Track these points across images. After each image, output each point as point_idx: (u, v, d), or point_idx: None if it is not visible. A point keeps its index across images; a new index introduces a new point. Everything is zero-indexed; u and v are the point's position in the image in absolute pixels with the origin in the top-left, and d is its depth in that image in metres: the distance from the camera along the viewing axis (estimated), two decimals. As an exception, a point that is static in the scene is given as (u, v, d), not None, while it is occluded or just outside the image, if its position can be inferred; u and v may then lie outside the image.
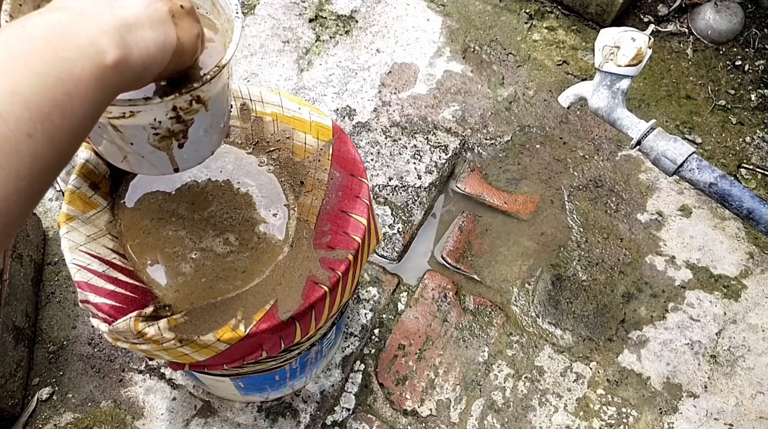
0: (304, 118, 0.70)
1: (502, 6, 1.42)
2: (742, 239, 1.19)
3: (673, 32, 1.43)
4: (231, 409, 0.96)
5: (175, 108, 0.47)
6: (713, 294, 1.13)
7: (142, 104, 0.45)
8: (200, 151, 0.54)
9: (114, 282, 0.60)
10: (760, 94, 1.36)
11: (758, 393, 1.05)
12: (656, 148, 0.80)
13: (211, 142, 0.54)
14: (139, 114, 0.46)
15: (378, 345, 1.04)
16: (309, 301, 0.59)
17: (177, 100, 0.46)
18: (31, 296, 0.99)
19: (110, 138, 0.48)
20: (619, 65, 0.80)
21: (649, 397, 1.04)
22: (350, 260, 0.62)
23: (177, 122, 0.48)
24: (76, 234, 0.61)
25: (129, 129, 0.47)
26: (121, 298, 0.59)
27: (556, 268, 1.14)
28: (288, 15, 1.35)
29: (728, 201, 0.78)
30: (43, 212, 1.09)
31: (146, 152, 0.50)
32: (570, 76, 1.34)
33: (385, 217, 1.14)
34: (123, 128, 0.47)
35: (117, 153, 0.51)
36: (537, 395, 1.02)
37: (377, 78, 1.29)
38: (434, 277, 1.11)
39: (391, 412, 0.99)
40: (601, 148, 1.26)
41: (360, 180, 0.67)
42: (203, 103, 0.48)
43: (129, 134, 0.48)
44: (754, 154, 1.29)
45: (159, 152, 0.50)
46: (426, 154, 1.21)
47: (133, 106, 0.44)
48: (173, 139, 0.49)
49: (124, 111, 0.45)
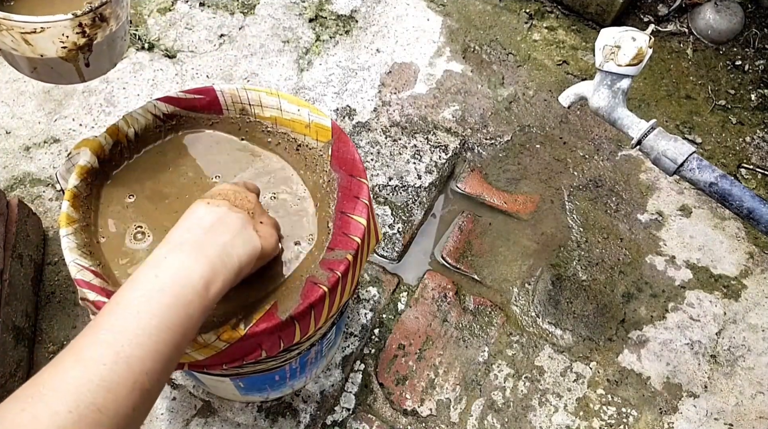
0: (303, 120, 0.70)
1: (502, 6, 1.42)
2: (742, 239, 1.19)
3: (673, 32, 1.43)
4: (231, 409, 0.96)
5: (80, 24, 0.54)
6: (713, 294, 1.13)
7: (53, 21, 0.52)
8: (102, 63, 0.61)
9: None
10: (760, 94, 1.36)
11: (758, 393, 1.05)
12: (656, 147, 0.80)
13: (112, 55, 0.61)
14: (49, 29, 0.53)
15: (378, 345, 1.04)
16: (308, 301, 0.59)
17: (82, 17, 0.53)
18: (31, 296, 0.99)
19: (22, 50, 0.55)
20: (620, 65, 0.80)
21: (649, 397, 1.04)
22: (350, 260, 0.62)
23: (83, 37, 0.55)
24: (76, 234, 0.61)
25: (39, 41, 0.54)
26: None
27: (556, 268, 1.14)
28: (288, 15, 1.35)
29: (728, 201, 0.78)
30: (43, 212, 1.09)
31: (55, 64, 0.57)
32: (570, 75, 1.34)
33: (385, 217, 1.14)
34: (34, 41, 0.54)
35: (27, 64, 0.57)
36: (537, 395, 1.02)
37: (377, 78, 1.29)
38: (434, 277, 1.11)
39: (391, 412, 0.99)
40: (601, 148, 1.26)
41: (359, 180, 0.67)
42: (106, 20, 0.56)
43: (39, 47, 0.54)
44: (754, 154, 1.28)
45: (66, 64, 0.57)
46: (426, 154, 1.21)
47: (44, 23, 0.52)
48: (79, 51, 0.56)
49: (35, 27, 0.52)
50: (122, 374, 0.41)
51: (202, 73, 1.26)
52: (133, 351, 0.42)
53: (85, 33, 0.55)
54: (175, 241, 0.50)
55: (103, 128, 0.69)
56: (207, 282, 0.48)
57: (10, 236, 0.94)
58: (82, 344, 0.43)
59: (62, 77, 0.59)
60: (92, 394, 0.40)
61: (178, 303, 0.46)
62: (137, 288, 0.46)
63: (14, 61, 0.58)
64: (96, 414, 0.39)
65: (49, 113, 1.19)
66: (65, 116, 1.19)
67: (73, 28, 0.54)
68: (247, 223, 0.54)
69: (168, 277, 0.47)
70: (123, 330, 0.43)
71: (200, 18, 1.33)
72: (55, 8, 0.57)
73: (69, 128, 1.18)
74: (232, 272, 0.51)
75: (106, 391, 0.40)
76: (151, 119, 0.69)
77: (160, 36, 1.30)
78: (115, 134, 0.67)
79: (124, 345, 0.42)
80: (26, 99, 1.20)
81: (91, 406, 0.39)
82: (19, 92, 1.21)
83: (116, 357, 0.42)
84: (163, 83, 1.24)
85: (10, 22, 0.51)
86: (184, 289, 0.47)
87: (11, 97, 1.20)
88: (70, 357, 0.42)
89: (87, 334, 0.44)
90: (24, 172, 1.13)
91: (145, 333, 0.43)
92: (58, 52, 0.55)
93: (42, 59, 0.56)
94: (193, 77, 1.26)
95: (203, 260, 0.49)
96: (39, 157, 1.14)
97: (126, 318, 0.44)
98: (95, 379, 0.40)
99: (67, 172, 0.64)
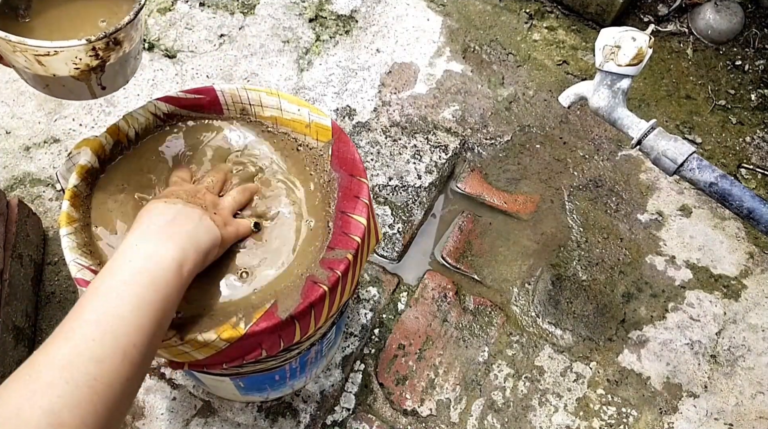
0: (303, 120, 0.70)
1: (502, 6, 1.42)
2: (742, 239, 1.19)
3: (673, 32, 1.43)
4: (231, 409, 0.96)
5: (94, 48, 0.54)
6: (713, 294, 1.13)
7: (67, 47, 0.52)
8: (116, 81, 0.61)
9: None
10: (760, 94, 1.36)
11: (758, 393, 1.05)
12: (656, 147, 0.80)
13: (125, 73, 0.61)
14: (62, 53, 0.53)
15: (378, 345, 1.04)
16: (308, 300, 0.59)
17: (96, 42, 0.53)
18: (31, 296, 0.99)
19: (35, 70, 0.55)
20: (620, 65, 0.80)
21: (649, 397, 1.04)
22: (350, 260, 0.62)
23: (96, 59, 0.55)
24: (76, 233, 0.61)
25: (52, 63, 0.54)
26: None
27: (556, 268, 1.14)
28: (288, 15, 1.35)
29: (729, 201, 0.78)
30: (43, 212, 1.09)
31: (67, 82, 0.56)
32: (570, 75, 1.34)
33: (385, 217, 1.14)
34: (47, 62, 0.54)
35: (40, 81, 0.57)
36: (537, 395, 1.02)
37: (377, 78, 1.29)
38: (434, 277, 1.11)
39: (391, 412, 0.99)
40: (601, 148, 1.26)
41: (360, 180, 0.67)
42: (119, 43, 0.56)
43: (52, 67, 0.54)
44: (754, 154, 1.29)
45: (79, 82, 0.57)
46: (426, 154, 1.21)
47: (58, 47, 0.52)
48: (92, 72, 0.56)
49: (49, 50, 0.52)
50: (112, 346, 0.44)
51: (202, 73, 1.26)
52: (118, 327, 0.45)
53: (99, 56, 0.55)
54: (141, 232, 0.53)
55: (103, 128, 0.69)
56: (179, 263, 0.51)
57: (10, 236, 0.94)
58: (68, 326, 0.45)
59: (73, 94, 0.59)
60: (85, 367, 0.42)
61: (155, 283, 0.49)
62: (114, 274, 0.49)
63: (27, 77, 0.58)
64: (92, 382, 0.42)
65: (49, 113, 1.19)
66: (65, 116, 1.19)
67: (87, 52, 0.54)
68: (204, 215, 0.58)
69: (142, 262, 0.50)
70: (106, 310, 0.46)
71: (200, 18, 1.33)
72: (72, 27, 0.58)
73: (69, 128, 1.18)
74: (200, 254, 0.55)
75: (98, 362, 0.43)
76: (151, 119, 0.69)
77: (160, 36, 1.30)
78: (115, 134, 0.67)
79: (110, 322, 0.45)
80: (26, 99, 1.20)
81: (87, 376, 0.42)
82: (19, 92, 1.21)
83: (103, 333, 0.44)
84: (163, 83, 1.24)
85: (24, 45, 0.51)
86: (159, 271, 0.50)
87: (11, 97, 1.20)
88: (59, 337, 0.44)
89: (71, 318, 0.46)
90: (24, 172, 1.13)
91: (128, 311, 0.46)
92: (71, 73, 0.55)
93: (54, 78, 0.56)
94: (193, 77, 1.26)
95: (172, 245, 0.52)
96: (39, 157, 1.14)
97: (108, 300, 0.47)
98: (86, 353, 0.43)
99: (68, 172, 0.64)
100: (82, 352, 0.43)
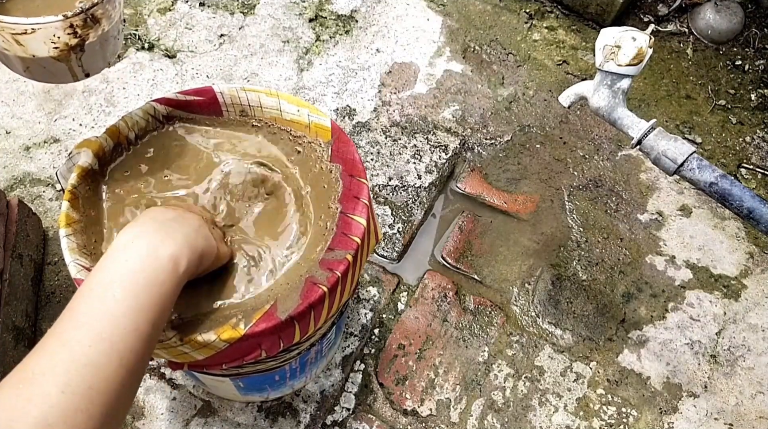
0: (303, 120, 0.70)
1: (502, 6, 1.42)
2: (742, 239, 1.19)
3: (673, 32, 1.43)
4: (231, 409, 0.96)
5: (72, 25, 0.53)
6: (713, 294, 1.13)
7: (43, 24, 0.51)
8: (96, 62, 0.60)
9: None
10: (760, 94, 1.36)
11: (758, 393, 1.05)
12: (657, 147, 0.80)
13: (105, 54, 0.60)
14: (40, 31, 0.52)
15: (378, 345, 1.04)
16: (308, 301, 0.59)
17: (73, 18, 0.53)
18: (31, 296, 0.99)
19: (14, 51, 0.54)
20: (620, 65, 0.80)
21: (649, 397, 1.04)
22: (349, 261, 0.62)
23: (74, 37, 0.54)
24: (76, 234, 0.61)
25: (31, 42, 0.53)
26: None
27: (556, 268, 1.14)
28: (288, 15, 1.35)
29: (729, 200, 0.78)
30: (43, 212, 1.09)
31: (47, 63, 0.56)
32: (570, 75, 1.34)
33: (385, 217, 1.14)
34: (25, 42, 0.53)
35: (20, 63, 0.57)
36: (537, 395, 1.02)
37: (377, 78, 1.29)
38: (434, 277, 1.11)
39: (391, 411, 0.99)
40: (601, 148, 1.26)
41: (359, 180, 0.67)
42: (98, 20, 0.55)
43: (31, 47, 0.54)
44: (754, 154, 1.28)
45: (59, 63, 0.56)
46: (426, 154, 1.21)
47: (35, 24, 0.51)
48: (71, 52, 0.56)
49: (26, 28, 0.52)
50: (107, 353, 0.43)
51: (202, 73, 1.26)
52: (113, 331, 0.44)
53: (77, 34, 0.55)
54: (138, 228, 0.52)
55: (103, 128, 0.69)
56: (176, 262, 0.50)
57: (10, 236, 0.94)
58: (63, 329, 0.44)
59: (55, 77, 0.59)
60: (81, 374, 0.41)
61: (150, 283, 0.48)
62: (109, 272, 0.48)
63: (7, 61, 0.58)
64: (87, 392, 0.40)
65: (49, 113, 1.19)
66: (65, 116, 1.19)
67: (64, 29, 0.54)
68: (204, 224, 0.58)
69: (138, 260, 0.49)
70: (102, 313, 0.45)
71: (200, 18, 1.33)
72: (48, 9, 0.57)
73: (69, 128, 1.18)
74: (196, 255, 0.53)
75: (94, 370, 0.41)
76: (150, 120, 0.69)
77: (160, 36, 1.30)
78: (115, 135, 0.67)
79: (105, 326, 0.44)
80: (26, 99, 1.20)
81: (82, 385, 0.40)
82: (19, 92, 1.21)
83: (99, 338, 0.43)
84: (163, 83, 1.24)
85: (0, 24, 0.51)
86: (155, 271, 0.48)
87: (11, 97, 1.20)
88: (53, 341, 0.43)
89: (66, 319, 0.45)
90: (24, 172, 1.13)
91: (122, 314, 0.45)
92: (50, 53, 0.55)
93: (34, 59, 0.56)
94: (193, 77, 1.26)
95: (169, 241, 0.51)
96: (39, 157, 1.14)
97: (103, 301, 0.45)
98: (82, 360, 0.41)
99: (68, 172, 0.64)
100: (78, 359, 0.41)
